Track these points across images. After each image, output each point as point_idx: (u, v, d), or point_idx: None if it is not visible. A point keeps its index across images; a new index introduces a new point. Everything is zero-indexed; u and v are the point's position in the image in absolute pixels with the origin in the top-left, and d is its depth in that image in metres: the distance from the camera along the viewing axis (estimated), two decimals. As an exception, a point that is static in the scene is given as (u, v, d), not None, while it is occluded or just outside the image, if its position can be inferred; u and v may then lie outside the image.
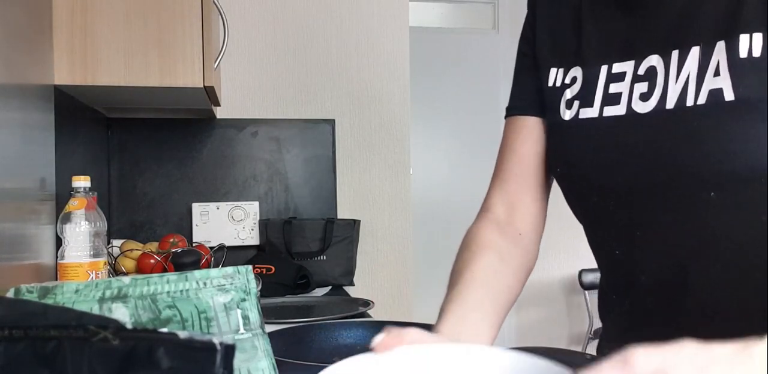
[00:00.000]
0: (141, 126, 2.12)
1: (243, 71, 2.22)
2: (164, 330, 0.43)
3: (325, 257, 2.11)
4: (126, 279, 0.58)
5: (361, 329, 0.91)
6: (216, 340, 0.43)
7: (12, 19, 1.16)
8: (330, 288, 2.05)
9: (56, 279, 1.26)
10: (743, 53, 0.60)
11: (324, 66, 2.28)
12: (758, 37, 0.59)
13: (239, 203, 2.16)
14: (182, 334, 0.43)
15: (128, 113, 2.09)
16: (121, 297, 0.57)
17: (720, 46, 0.62)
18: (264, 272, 1.87)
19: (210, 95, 1.61)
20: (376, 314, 1.59)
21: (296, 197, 2.23)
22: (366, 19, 2.30)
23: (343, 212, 2.27)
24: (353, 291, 2.06)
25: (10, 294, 0.58)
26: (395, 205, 2.32)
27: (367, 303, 1.60)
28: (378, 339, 0.53)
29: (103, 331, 0.43)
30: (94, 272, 1.19)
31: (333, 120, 2.27)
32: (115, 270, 1.77)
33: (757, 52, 0.59)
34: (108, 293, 0.57)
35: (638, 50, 0.69)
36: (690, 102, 0.63)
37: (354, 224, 2.17)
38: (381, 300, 2.10)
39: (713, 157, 0.61)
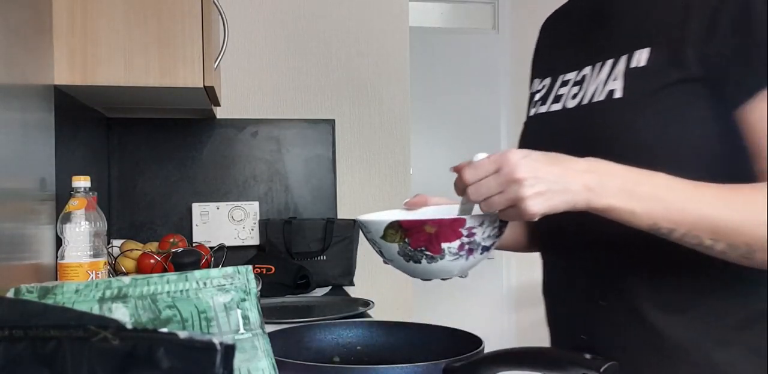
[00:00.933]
0: (141, 126, 2.12)
1: (243, 71, 2.22)
2: (164, 330, 0.43)
3: (325, 257, 2.11)
4: (126, 279, 0.58)
5: (361, 329, 0.91)
6: (216, 340, 0.43)
7: (12, 18, 1.16)
8: (330, 288, 2.05)
9: (56, 279, 1.26)
10: (633, 64, 0.82)
11: (324, 66, 2.28)
12: (645, 52, 0.81)
13: (239, 203, 2.16)
14: (182, 334, 0.43)
15: (128, 113, 2.09)
16: (121, 297, 0.57)
17: (623, 59, 0.84)
18: (264, 272, 1.87)
19: (210, 94, 1.61)
20: (376, 314, 1.59)
21: (296, 197, 2.23)
22: (366, 19, 2.30)
23: (343, 212, 2.27)
24: (353, 291, 2.06)
25: (10, 294, 0.58)
26: (395, 205, 2.31)
27: (367, 303, 1.60)
28: (408, 200, 0.90)
29: (103, 331, 0.43)
30: (94, 272, 1.19)
31: (333, 120, 2.27)
32: (115, 270, 1.77)
33: (642, 63, 0.81)
34: (108, 293, 0.57)
35: (580, 63, 0.92)
36: (596, 99, 0.86)
37: (354, 224, 2.17)
38: (381, 300, 2.09)
39: (607, 135, 0.82)
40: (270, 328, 0.72)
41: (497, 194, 0.69)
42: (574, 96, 0.89)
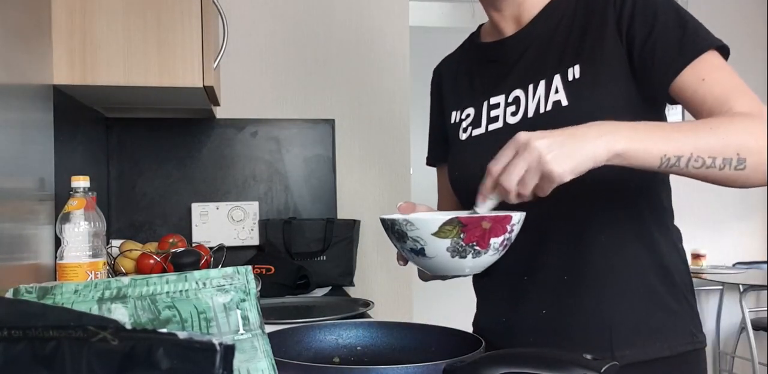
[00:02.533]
0: (140, 126, 2.12)
1: (243, 71, 2.22)
2: (164, 330, 0.43)
3: (325, 258, 2.11)
4: (125, 280, 0.58)
5: (361, 329, 0.91)
6: (215, 340, 0.43)
7: (11, 18, 1.16)
8: (330, 288, 2.05)
9: (55, 280, 1.26)
10: (570, 77, 0.98)
11: (324, 66, 2.28)
12: (578, 67, 0.98)
13: (239, 203, 2.16)
14: (182, 334, 0.43)
15: (127, 113, 2.08)
16: (120, 297, 0.57)
17: (557, 77, 0.99)
18: (264, 272, 1.87)
19: (209, 94, 1.61)
20: (376, 314, 1.59)
21: (296, 197, 2.23)
22: (366, 19, 2.30)
23: (343, 212, 2.27)
24: (353, 291, 2.06)
25: (9, 294, 0.58)
26: (395, 205, 2.31)
27: (367, 304, 1.60)
28: (400, 204, 0.96)
29: (103, 331, 0.43)
30: (93, 272, 1.19)
31: (333, 120, 2.27)
32: (114, 271, 1.77)
33: (577, 76, 0.97)
34: (107, 293, 0.57)
35: (506, 88, 1.06)
36: (542, 110, 1.00)
37: (354, 224, 2.17)
38: (381, 300, 2.10)
39: None
40: (270, 328, 0.72)
41: (525, 173, 0.76)
42: (514, 113, 1.03)
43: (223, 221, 2.13)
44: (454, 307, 3.44)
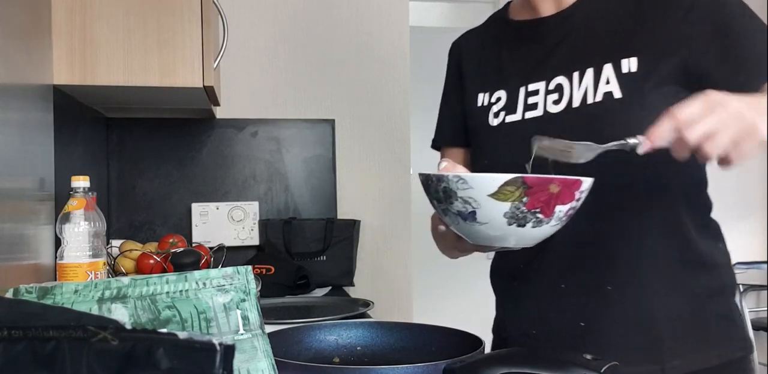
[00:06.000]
0: (140, 126, 2.12)
1: (243, 71, 2.22)
2: (164, 330, 0.43)
3: (325, 258, 2.11)
4: (125, 280, 0.58)
5: (361, 329, 0.91)
6: (215, 341, 0.43)
7: (11, 18, 1.16)
8: (330, 288, 2.05)
9: (55, 280, 1.26)
10: (625, 69, 0.92)
11: (324, 66, 2.28)
12: (634, 60, 0.92)
13: (239, 204, 2.16)
14: (182, 335, 0.43)
15: (127, 113, 2.08)
16: (120, 297, 0.57)
17: (608, 67, 0.93)
18: (264, 272, 1.87)
19: (210, 94, 1.61)
20: (376, 314, 1.59)
21: (296, 197, 2.23)
22: (366, 19, 2.30)
23: (343, 212, 2.27)
24: (353, 292, 2.06)
25: (9, 294, 0.58)
26: (395, 205, 2.32)
27: (367, 304, 1.60)
28: (443, 164, 0.84)
29: (103, 332, 0.43)
30: (93, 272, 1.19)
31: (333, 120, 2.27)
32: (114, 271, 1.77)
33: (633, 69, 0.91)
34: (107, 293, 0.57)
35: (547, 73, 0.98)
36: (590, 101, 0.93)
37: (354, 224, 2.17)
38: (381, 300, 2.10)
39: (611, 135, 0.80)
40: (270, 328, 0.72)
41: (716, 130, 0.70)
42: (556, 102, 0.96)
43: (223, 221, 2.13)
44: (454, 307, 3.44)
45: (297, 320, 1.36)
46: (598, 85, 0.93)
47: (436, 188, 0.76)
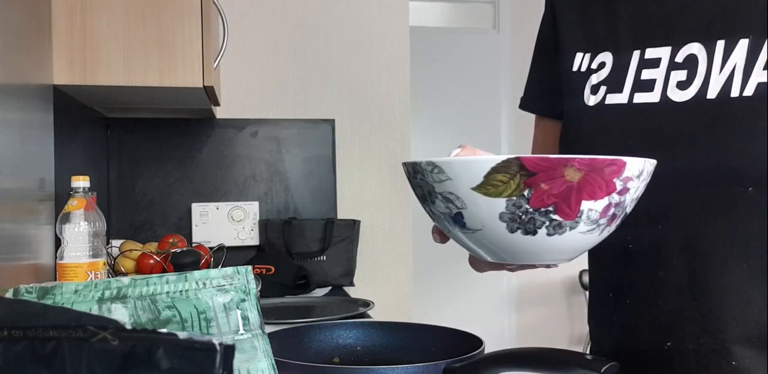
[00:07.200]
0: (140, 126, 2.12)
1: (243, 71, 2.22)
2: (164, 330, 0.43)
3: (325, 258, 2.11)
4: (125, 280, 0.58)
5: (361, 329, 0.91)
6: (215, 341, 0.43)
7: (11, 18, 1.16)
8: (330, 288, 2.05)
9: (55, 280, 1.26)
10: None
11: (324, 66, 2.28)
12: None
13: (239, 204, 2.16)
14: (182, 335, 0.43)
15: (127, 113, 2.08)
16: (120, 297, 0.57)
17: None
18: (264, 272, 1.87)
19: (210, 94, 1.61)
20: (376, 314, 1.59)
21: (296, 197, 2.23)
22: (366, 19, 2.30)
23: (343, 212, 2.27)
24: (353, 292, 2.06)
25: (9, 294, 0.58)
26: (395, 205, 2.32)
27: (367, 304, 1.60)
28: (456, 150, 0.59)
29: (103, 332, 0.43)
30: (93, 272, 1.19)
31: (333, 120, 2.27)
32: (114, 271, 1.77)
33: None
34: (107, 293, 0.57)
35: (677, 36, 0.67)
36: (735, 93, 0.63)
37: (354, 224, 2.17)
38: (381, 300, 2.10)
39: (756, 149, 0.59)
40: (270, 328, 0.72)
41: None
42: (683, 85, 0.66)
43: (223, 221, 2.13)
44: (454, 307, 3.45)
45: (297, 320, 1.36)
46: (753, 68, 0.63)
47: (416, 183, 0.54)
